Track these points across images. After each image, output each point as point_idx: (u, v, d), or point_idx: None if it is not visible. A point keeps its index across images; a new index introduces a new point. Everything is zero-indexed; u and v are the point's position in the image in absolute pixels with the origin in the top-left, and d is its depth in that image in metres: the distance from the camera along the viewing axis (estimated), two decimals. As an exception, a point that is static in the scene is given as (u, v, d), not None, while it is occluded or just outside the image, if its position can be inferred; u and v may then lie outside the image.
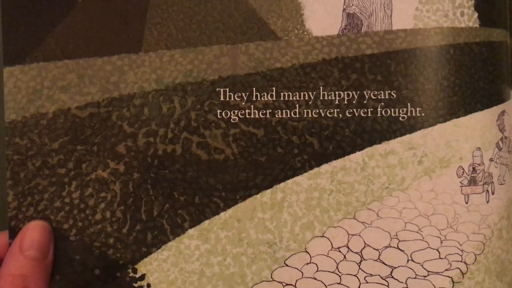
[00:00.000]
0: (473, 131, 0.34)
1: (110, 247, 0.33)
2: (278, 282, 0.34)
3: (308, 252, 0.34)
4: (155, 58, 0.34)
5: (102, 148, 0.34)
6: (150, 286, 0.33)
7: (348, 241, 0.34)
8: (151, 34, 0.34)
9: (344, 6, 0.34)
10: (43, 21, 0.33)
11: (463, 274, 0.34)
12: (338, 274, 0.34)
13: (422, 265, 0.34)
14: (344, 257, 0.34)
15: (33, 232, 0.31)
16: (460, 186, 0.34)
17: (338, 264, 0.34)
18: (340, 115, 0.34)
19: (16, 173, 0.33)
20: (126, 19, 0.34)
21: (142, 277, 0.34)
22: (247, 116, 0.34)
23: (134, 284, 0.34)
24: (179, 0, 0.34)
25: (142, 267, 0.34)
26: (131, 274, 0.34)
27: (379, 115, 0.34)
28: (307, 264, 0.34)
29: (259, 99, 0.34)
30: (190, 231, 0.34)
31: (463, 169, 0.34)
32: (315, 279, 0.34)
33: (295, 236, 0.34)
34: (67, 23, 0.34)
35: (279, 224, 0.34)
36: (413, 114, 0.34)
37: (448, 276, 0.34)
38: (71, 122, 0.33)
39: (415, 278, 0.34)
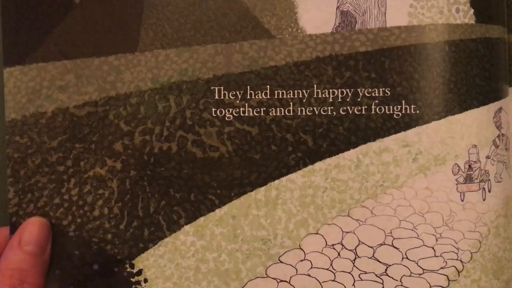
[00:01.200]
0: (469, 128, 0.34)
1: (108, 243, 0.34)
2: (273, 278, 0.34)
3: (302, 249, 0.34)
4: (150, 58, 0.34)
5: (100, 146, 0.34)
6: (147, 281, 0.34)
7: (342, 239, 0.34)
8: (147, 34, 0.34)
9: (338, 4, 0.34)
10: (42, 23, 0.34)
11: (459, 272, 0.34)
12: (332, 271, 0.34)
13: (417, 263, 0.34)
14: (338, 254, 0.34)
15: (32, 228, 0.32)
16: (456, 184, 0.34)
17: (332, 261, 0.34)
18: (334, 112, 0.34)
19: (17, 170, 0.34)
20: (122, 20, 0.35)
21: (139, 272, 0.34)
22: (242, 114, 0.34)
23: (131, 279, 0.34)
24: (174, 0, 0.35)
25: (139, 262, 0.34)
26: (128, 269, 0.34)
27: (373, 112, 0.34)
28: (301, 261, 0.34)
29: (253, 97, 0.34)
30: (186, 228, 0.34)
31: (458, 166, 0.34)
32: (309, 276, 0.34)
33: (289, 233, 0.34)
34: (65, 24, 0.34)
35: (274, 221, 0.34)
36: (408, 112, 0.34)
37: (444, 274, 0.34)
38: (70, 121, 0.34)
39: (410, 276, 0.34)
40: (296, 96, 0.34)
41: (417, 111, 0.34)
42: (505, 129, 0.35)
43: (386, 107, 0.34)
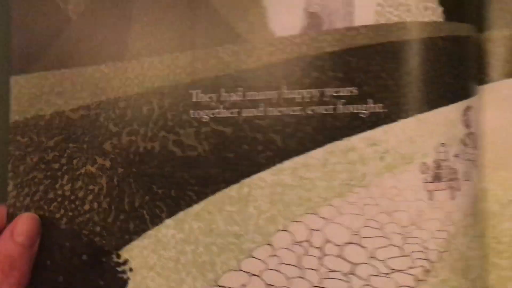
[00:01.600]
0: (437, 126, 0.33)
1: (97, 235, 0.37)
2: (245, 272, 0.35)
3: (272, 245, 0.35)
4: (137, 65, 0.37)
5: (91, 145, 0.38)
6: (132, 270, 0.37)
7: (310, 236, 0.35)
8: (134, 44, 0.38)
9: (306, 5, 0.35)
10: (44, 36, 0.39)
11: (427, 271, 0.33)
12: (300, 268, 0.34)
13: (384, 263, 0.34)
14: (306, 251, 0.35)
15: (24, 222, 0.36)
16: (424, 183, 0.33)
17: (300, 258, 0.35)
18: (302, 112, 0.35)
19: (16, 166, 0.38)
20: (112, 32, 0.38)
21: (125, 262, 0.37)
22: (217, 116, 0.36)
23: (118, 269, 0.37)
24: (157, 13, 0.37)
25: (125, 253, 0.37)
26: (115, 260, 0.37)
27: (340, 112, 0.34)
28: (271, 256, 0.35)
29: (227, 99, 0.36)
30: (167, 221, 0.37)
31: (426, 165, 0.33)
32: (279, 271, 0.35)
33: (260, 229, 0.35)
34: (64, 37, 0.38)
35: (245, 217, 0.36)
36: (375, 110, 0.34)
37: (412, 274, 0.33)
38: (65, 123, 0.38)
39: (377, 275, 0.34)
40: (266, 97, 0.35)
41: (385, 110, 0.34)
42: (474, 127, 0.34)
43: (353, 106, 0.34)
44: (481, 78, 0.36)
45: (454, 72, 0.34)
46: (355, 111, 0.34)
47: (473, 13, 0.35)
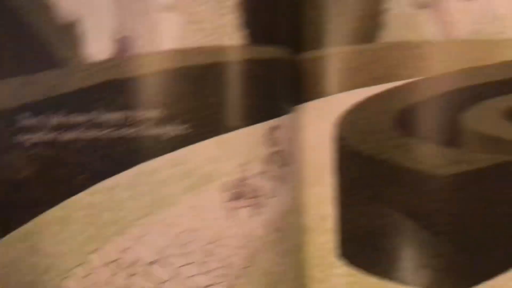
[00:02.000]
0: (240, 146, 0.34)
1: None
2: (67, 290, 0.37)
3: (89, 264, 0.36)
4: None
5: None
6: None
7: (120, 256, 0.35)
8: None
9: (114, 32, 0.36)
10: None
11: (230, 287, 0.34)
12: (112, 287, 0.35)
13: (188, 280, 0.34)
14: (117, 271, 0.35)
15: None
16: (226, 201, 0.34)
17: (111, 277, 0.35)
18: (113, 135, 0.36)
19: None
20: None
21: None
22: (41, 139, 0.37)
23: None
24: None
25: None
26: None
27: (147, 134, 0.35)
28: (88, 275, 0.36)
29: (50, 123, 0.37)
30: (3, 241, 0.38)
31: (227, 184, 0.34)
32: (95, 290, 0.36)
33: (79, 249, 0.36)
34: None
35: (66, 238, 0.37)
36: (180, 132, 0.35)
37: (214, 291, 0.34)
38: None
39: (182, 292, 0.34)
40: (83, 120, 0.36)
41: (189, 131, 0.35)
42: (283, 146, 0.35)
43: (159, 128, 0.35)
44: (299, 97, 0.37)
45: (259, 93, 0.34)
46: (161, 132, 0.35)
47: (284, 36, 0.36)
